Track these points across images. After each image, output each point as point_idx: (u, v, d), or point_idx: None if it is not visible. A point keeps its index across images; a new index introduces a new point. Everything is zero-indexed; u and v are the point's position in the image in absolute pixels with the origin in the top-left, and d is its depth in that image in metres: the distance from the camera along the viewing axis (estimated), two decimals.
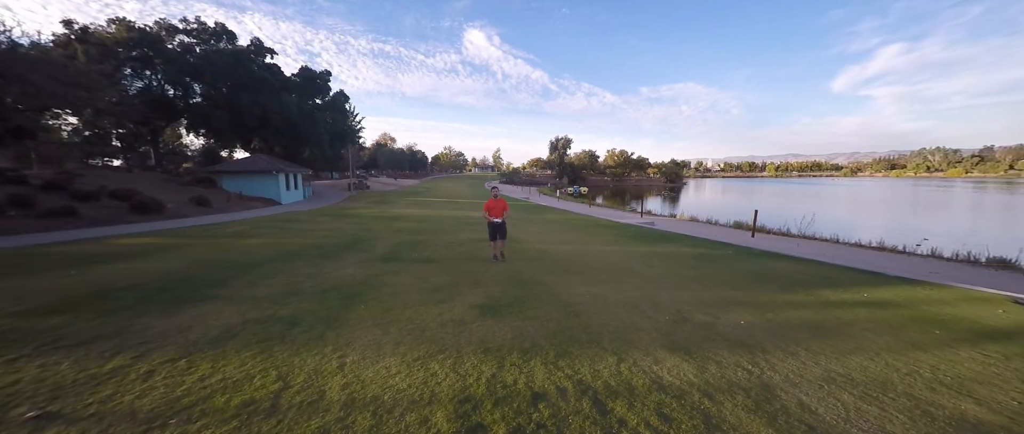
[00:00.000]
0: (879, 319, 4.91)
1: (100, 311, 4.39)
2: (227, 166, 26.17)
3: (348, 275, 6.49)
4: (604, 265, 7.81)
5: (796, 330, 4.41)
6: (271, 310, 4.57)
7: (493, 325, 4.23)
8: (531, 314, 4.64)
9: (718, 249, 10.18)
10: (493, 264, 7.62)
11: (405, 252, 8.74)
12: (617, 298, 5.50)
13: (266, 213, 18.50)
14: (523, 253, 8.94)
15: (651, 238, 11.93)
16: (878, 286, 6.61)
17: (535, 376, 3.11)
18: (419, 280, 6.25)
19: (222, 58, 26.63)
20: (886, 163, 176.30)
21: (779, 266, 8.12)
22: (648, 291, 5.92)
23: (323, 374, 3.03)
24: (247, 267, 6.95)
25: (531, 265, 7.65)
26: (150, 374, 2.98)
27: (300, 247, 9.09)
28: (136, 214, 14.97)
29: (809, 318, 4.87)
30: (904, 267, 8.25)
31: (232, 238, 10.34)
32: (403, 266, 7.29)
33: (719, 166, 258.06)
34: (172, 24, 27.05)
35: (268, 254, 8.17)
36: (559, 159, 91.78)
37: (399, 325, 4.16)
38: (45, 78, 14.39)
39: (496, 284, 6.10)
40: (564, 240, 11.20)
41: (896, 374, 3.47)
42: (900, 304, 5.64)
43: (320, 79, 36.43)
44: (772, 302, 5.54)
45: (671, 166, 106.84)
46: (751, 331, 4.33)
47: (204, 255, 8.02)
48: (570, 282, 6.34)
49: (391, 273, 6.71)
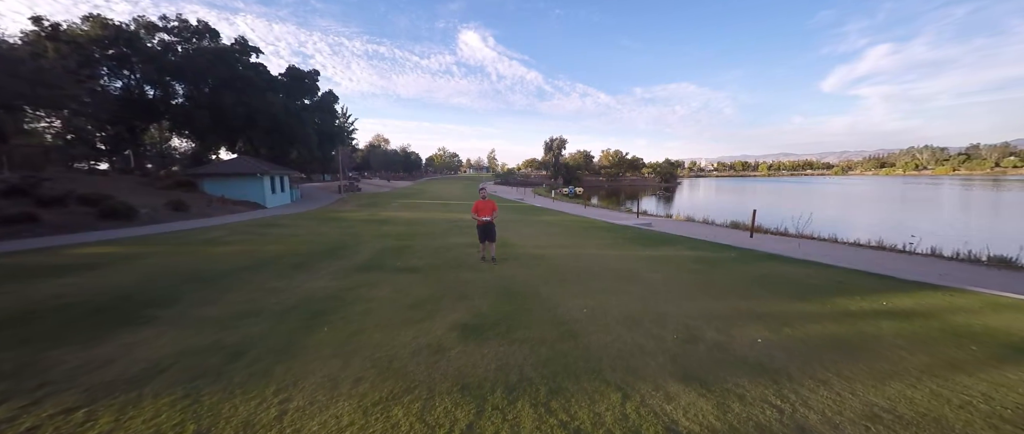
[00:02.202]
0: (907, 333, 4.40)
1: (11, 341, 3.73)
2: (209, 169, 25.25)
3: (319, 288, 5.86)
4: (602, 271, 7.25)
5: (821, 349, 3.88)
6: (217, 336, 3.93)
7: (475, 352, 3.64)
8: (520, 335, 4.06)
9: (720, 251, 9.68)
10: (482, 272, 7.02)
11: (388, 260, 8.11)
12: (617, 311, 4.93)
13: (247, 217, 17.72)
14: (516, 258, 8.36)
15: (649, 240, 11.41)
16: (894, 292, 6.12)
17: (522, 424, 2.52)
18: (398, 293, 5.64)
19: (204, 56, 25.69)
20: (876, 162, 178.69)
21: (786, 270, 7.63)
22: (651, 302, 5.36)
23: (254, 428, 2.42)
24: (208, 280, 6.28)
25: (524, 272, 7.07)
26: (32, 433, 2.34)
27: (274, 255, 8.42)
28: (106, 220, 14.13)
29: (831, 333, 4.34)
30: (911, 268, 7.81)
31: (202, 246, 9.63)
32: (384, 276, 6.67)
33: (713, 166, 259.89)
34: (151, 21, 26.03)
35: (236, 264, 7.49)
36: (554, 159, 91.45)
37: (364, 354, 3.55)
38: (2, 75, 13.52)
39: (484, 296, 5.51)
40: (559, 243, 10.63)
41: (948, 407, 2.93)
42: (923, 313, 5.13)
43: (308, 79, 35.52)
44: (787, 314, 5.01)
45: (665, 166, 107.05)
46: (771, 352, 3.78)
47: (164, 266, 7.32)
48: (565, 292, 5.76)
49: (369, 285, 6.08)
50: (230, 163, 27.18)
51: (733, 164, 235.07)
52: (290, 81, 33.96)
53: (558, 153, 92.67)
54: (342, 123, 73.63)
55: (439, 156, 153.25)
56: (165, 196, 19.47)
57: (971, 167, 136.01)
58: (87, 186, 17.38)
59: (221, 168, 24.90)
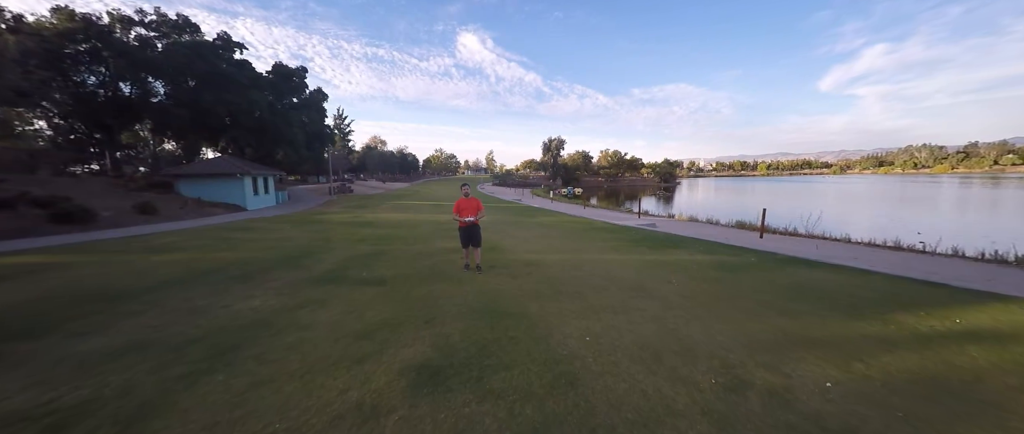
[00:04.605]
0: (1012, 365, 3.25)
1: None
2: (186, 169, 23.87)
3: (250, 310, 4.66)
4: (606, 281, 6.09)
5: (916, 398, 2.72)
6: (65, 387, 2.74)
7: (428, 417, 2.45)
8: (497, 383, 2.88)
9: (736, 255, 8.54)
10: (462, 285, 5.83)
11: (355, 269, 6.91)
12: (630, 339, 3.77)
13: (219, 221, 16.45)
14: (506, 265, 7.19)
15: (656, 243, 10.25)
16: (959, 305, 4.96)
17: None
18: (348, 316, 4.45)
19: (181, 51, 24.38)
20: (874, 160, 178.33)
21: (818, 277, 6.48)
22: (670, 323, 4.20)
23: None
24: (119, 298, 5.07)
25: (512, 284, 5.90)
26: None
27: (221, 265, 7.20)
28: (58, 224, 12.86)
29: (917, 370, 3.18)
30: (953, 273, 6.71)
31: (143, 254, 8.40)
32: (340, 291, 5.47)
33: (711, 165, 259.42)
34: (127, 15, 24.74)
35: (169, 276, 6.28)
36: (552, 160, 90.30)
37: (255, 423, 2.36)
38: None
39: (457, 319, 4.33)
40: (556, 248, 9.46)
41: None
42: (1013, 335, 4.00)
43: (296, 76, 34.21)
44: (847, 339, 3.85)
45: (665, 166, 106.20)
46: (853, 406, 2.62)
47: (77, 280, 6.11)
48: (562, 311, 4.59)
49: (316, 304, 4.89)
50: (208, 163, 25.80)
51: (732, 164, 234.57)
52: (277, 79, 32.62)
53: (556, 154, 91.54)
54: (338, 124, 72.44)
55: (436, 157, 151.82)
56: (135, 198, 18.18)
57: (970, 165, 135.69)
58: (49, 188, 16.09)
59: (198, 169, 23.54)
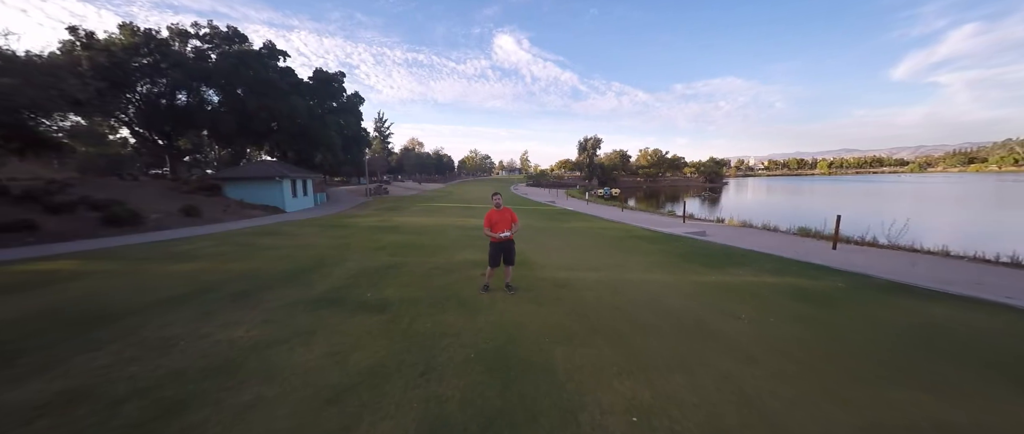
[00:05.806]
0: None
1: None
2: (232, 172, 25.09)
3: (226, 343, 3.96)
4: (654, 314, 4.86)
5: None
6: None
7: None
8: None
9: (816, 277, 6.90)
10: (476, 315, 4.85)
11: (360, 287, 6.16)
12: (697, 423, 2.60)
13: (253, 224, 16.76)
14: (532, 286, 6.14)
15: (711, 257, 8.72)
16: None
17: None
18: (329, 359, 3.60)
19: (229, 61, 25.67)
20: (962, 157, 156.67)
21: (942, 315, 4.83)
22: (753, 393, 2.96)
23: None
24: (96, 320, 4.59)
25: (538, 314, 4.84)
26: None
27: (227, 278, 6.74)
28: (108, 227, 13.49)
29: None
30: None
31: (161, 262, 8.22)
32: (333, 320, 4.68)
33: (763, 164, 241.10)
34: (184, 29, 26.49)
35: (167, 292, 5.85)
36: (588, 160, 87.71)
37: None
38: (17, 82, 13.37)
39: (461, 371, 3.34)
40: (592, 263, 8.25)
41: None
42: None
43: (335, 81, 35.20)
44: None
45: (710, 164, 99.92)
46: None
47: (79, 295, 5.81)
48: (599, 364, 3.48)
49: (299, 338, 4.11)
50: (251, 167, 27.03)
51: (786, 162, 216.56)
52: (317, 84, 33.72)
53: (593, 153, 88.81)
54: (378, 127, 75.27)
55: (471, 158, 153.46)
56: (183, 201, 19.11)
57: None
58: (111, 192, 17.20)
59: (242, 172, 24.63)
